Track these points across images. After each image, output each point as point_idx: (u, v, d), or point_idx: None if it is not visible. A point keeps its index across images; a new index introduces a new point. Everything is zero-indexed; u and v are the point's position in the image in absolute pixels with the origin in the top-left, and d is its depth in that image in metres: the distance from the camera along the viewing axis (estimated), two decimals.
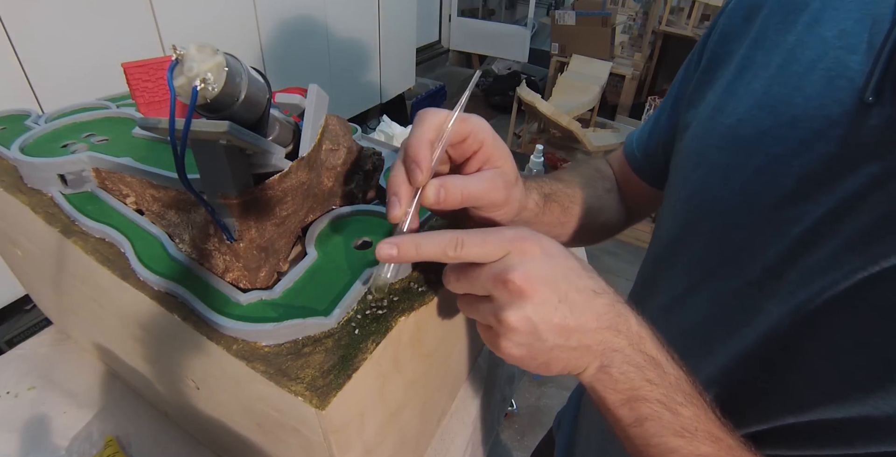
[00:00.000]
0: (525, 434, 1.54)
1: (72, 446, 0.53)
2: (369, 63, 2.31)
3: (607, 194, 0.51)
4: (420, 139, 0.30)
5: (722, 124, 0.37)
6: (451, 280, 0.31)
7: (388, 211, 0.30)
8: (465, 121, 0.32)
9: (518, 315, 0.27)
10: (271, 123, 0.34)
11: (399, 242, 0.29)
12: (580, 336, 0.28)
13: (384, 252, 0.29)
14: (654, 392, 0.29)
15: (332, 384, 0.30)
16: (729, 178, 0.35)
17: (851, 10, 0.32)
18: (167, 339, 0.38)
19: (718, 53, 0.40)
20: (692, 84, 0.42)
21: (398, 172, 0.30)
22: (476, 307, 0.30)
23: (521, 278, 0.27)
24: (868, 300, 0.27)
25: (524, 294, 0.27)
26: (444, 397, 0.55)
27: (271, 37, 1.72)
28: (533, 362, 0.29)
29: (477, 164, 0.34)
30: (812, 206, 0.30)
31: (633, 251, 2.40)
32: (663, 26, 3.16)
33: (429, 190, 0.30)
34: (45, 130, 0.46)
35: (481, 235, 0.29)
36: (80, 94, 1.16)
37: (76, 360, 0.63)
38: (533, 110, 2.64)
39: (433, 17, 3.43)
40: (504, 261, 0.28)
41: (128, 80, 0.43)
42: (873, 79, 0.29)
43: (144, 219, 0.40)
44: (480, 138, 0.32)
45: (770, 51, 0.36)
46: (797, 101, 0.32)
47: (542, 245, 0.29)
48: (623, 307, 0.30)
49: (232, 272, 0.35)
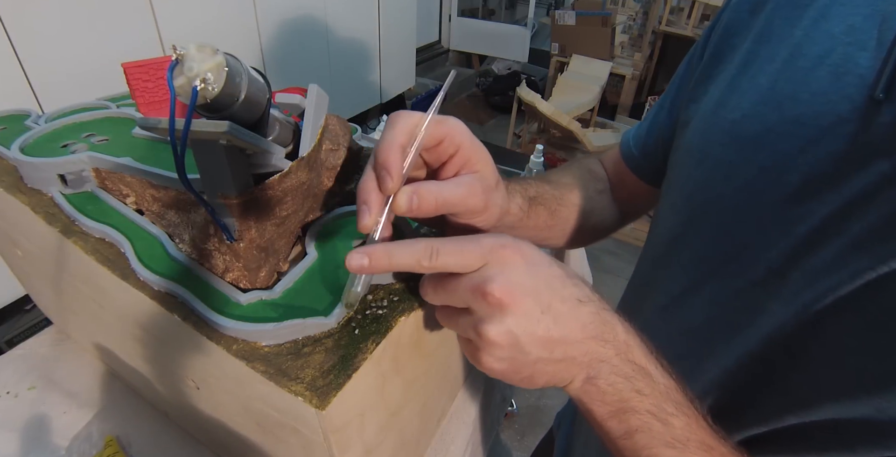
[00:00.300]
0: (525, 434, 1.54)
1: (72, 446, 0.53)
2: (369, 63, 2.31)
3: (599, 196, 0.50)
4: (390, 144, 0.29)
5: (725, 120, 0.36)
6: (427, 292, 0.30)
7: (357, 220, 0.29)
8: (439, 123, 0.30)
9: (499, 329, 0.26)
10: (271, 123, 0.34)
11: (370, 252, 0.27)
12: (565, 348, 0.27)
13: (355, 262, 0.27)
14: (644, 403, 0.28)
15: (332, 384, 0.30)
16: (732, 175, 0.34)
17: (860, 5, 0.31)
18: (167, 339, 0.38)
19: (722, 48, 0.39)
20: (694, 79, 0.42)
21: (368, 179, 0.29)
22: (455, 320, 0.29)
23: (501, 290, 0.26)
24: (876, 301, 0.27)
25: (504, 306, 0.26)
26: (444, 397, 0.55)
27: (271, 37, 1.72)
28: (516, 377, 0.28)
29: (454, 168, 0.32)
30: (818, 204, 0.30)
31: (633, 251, 2.39)
32: (663, 26, 3.16)
33: (401, 197, 0.29)
34: (45, 130, 0.46)
35: (458, 244, 0.27)
36: (80, 94, 1.16)
37: (76, 360, 0.63)
38: (533, 110, 2.64)
39: (433, 17, 3.43)
40: (482, 271, 0.27)
41: (128, 80, 0.43)
42: (884, 76, 0.28)
43: (144, 219, 0.40)
44: (457, 141, 0.31)
45: (775, 45, 0.35)
46: (803, 98, 0.32)
47: (524, 253, 0.28)
48: (609, 315, 0.29)
49: (232, 272, 0.35)
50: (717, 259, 0.35)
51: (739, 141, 0.35)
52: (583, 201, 0.47)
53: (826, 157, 0.30)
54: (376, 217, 0.29)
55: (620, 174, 0.52)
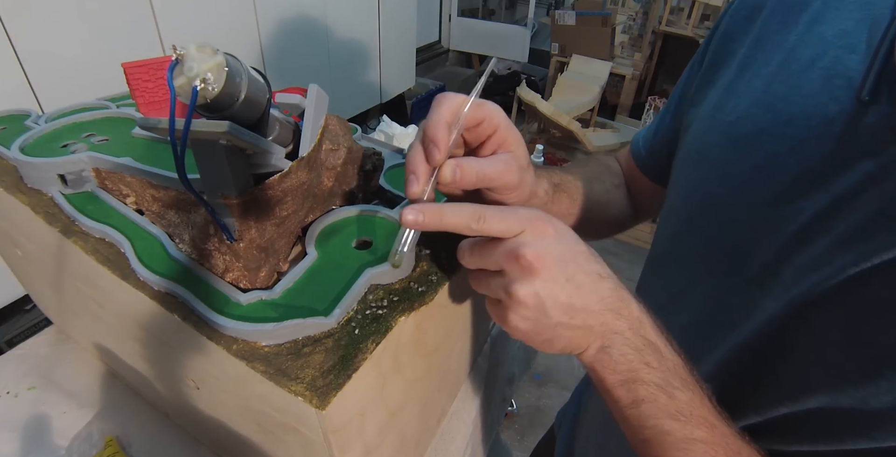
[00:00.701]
0: (525, 434, 1.54)
1: (72, 446, 0.53)
2: (369, 63, 2.31)
3: (616, 190, 0.52)
4: (438, 121, 0.31)
5: (722, 122, 0.37)
6: (465, 255, 0.32)
7: (406, 188, 0.31)
8: (480, 106, 0.33)
9: (527, 290, 0.28)
10: (271, 122, 0.34)
11: (424, 209, 0.29)
12: (584, 316, 0.29)
13: (410, 217, 0.29)
14: (652, 375, 0.30)
15: (332, 384, 0.30)
16: (728, 175, 0.36)
17: (853, 10, 0.32)
18: (167, 339, 0.38)
19: (721, 53, 0.41)
20: (695, 84, 0.43)
21: (416, 152, 0.31)
22: (487, 282, 0.31)
23: (533, 255, 0.28)
24: (859, 296, 0.28)
25: (534, 270, 0.28)
26: (444, 397, 0.55)
27: (271, 37, 1.72)
28: (537, 338, 0.30)
29: (491, 148, 0.35)
30: (808, 202, 0.31)
31: (633, 251, 2.40)
32: (663, 26, 3.16)
33: (445, 169, 0.31)
34: (45, 130, 0.46)
35: (501, 212, 0.30)
36: (80, 94, 1.16)
37: (76, 360, 0.63)
38: (533, 110, 2.64)
39: (433, 17, 3.43)
40: (519, 238, 0.29)
41: (128, 80, 0.43)
42: (870, 78, 0.29)
43: (144, 219, 0.40)
44: (495, 123, 0.33)
45: (771, 50, 0.36)
46: (795, 100, 0.33)
47: (556, 227, 0.30)
48: (625, 293, 0.31)
49: (232, 272, 0.35)
50: (713, 257, 0.37)
51: (735, 142, 0.36)
52: (601, 194, 0.49)
53: (815, 156, 0.31)
54: (423, 186, 0.31)
55: (631, 172, 0.54)
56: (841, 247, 0.29)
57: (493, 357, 0.69)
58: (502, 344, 0.73)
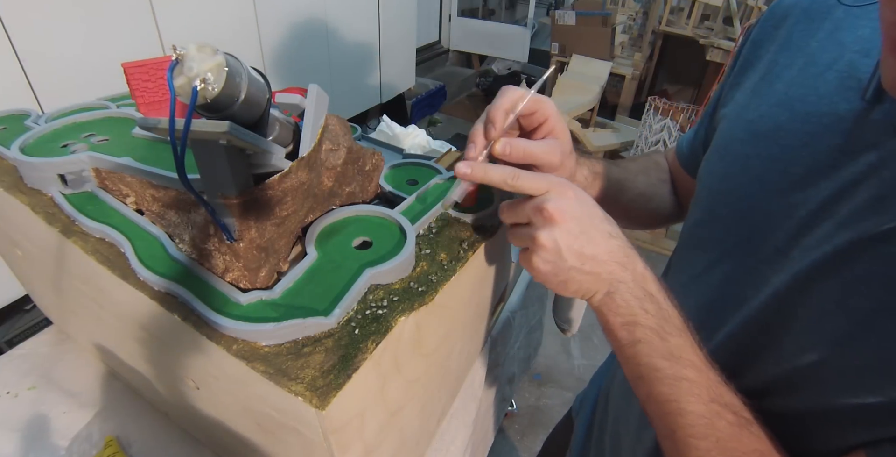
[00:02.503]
0: (525, 434, 1.54)
1: (72, 446, 0.53)
2: (369, 63, 2.31)
3: (661, 184, 0.57)
4: (499, 107, 0.39)
5: (746, 120, 0.41)
6: (504, 211, 0.39)
7: (465, 153, 0.40)
8: (537, 99, 0.40)
9: (548, 236, 0.35)
10: (271, 122, 0.34)
11: (473, 165, 0.37)
12: (593, 264, 0.35)
13: (462, 169, 0.37)
14: (649, 320, 0.35)
15: (332, 384, 0.30)
16: (748, 167, 0.40)
17: (873, 18, 0.35)
18: (167, 339, 0.38)
19: (749, 59, 0.45)
20: (726, 87, 0.48)
21: (478, 127, 0.40)
22: (519, 232, 0.38)
23: (555, 209, 0.35)
24: (850, 269, 0.31)
25: (554, 221, 0.35)
26: (444, 397, 0.55)
27: (271, 37, 1.72)
28: (554, 279, 0.36)
29: (541, 133, 0.42)
30: (816, 190, 0.34)
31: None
32: (663, 26, 3.16)
33: (497, 144, 0.39)
34: (45, 130, 0.46)
35: (533, 174, 0.37)
36: (80, 94, 1.16)
37: (76, 360, 0.63)
38: None
39: (433, 17, 3.42)
40: (544, 196, 0.36)
41: (128, 80, 0.43)
42: (874, 78, 0.32)
43: (144, 219, 0.40)
44: (547, 113, 0.41)
45: (793, 54, 0.40)
46: (812, 100, 0.36)
47: (576, 191, 0.37)
48: (632, 252, 0.37)
49: (232, 272, 0.35)
50: (732, 241, 0.40)
51: (755, 137, 0.40)
52: (645, 186, 0.55)
53: (826, 150, 0.34)
54: (478, 153, 0.39)
55: (676, 168, 0.59)
56: (841, 227, 0.32)
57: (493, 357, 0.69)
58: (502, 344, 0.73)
